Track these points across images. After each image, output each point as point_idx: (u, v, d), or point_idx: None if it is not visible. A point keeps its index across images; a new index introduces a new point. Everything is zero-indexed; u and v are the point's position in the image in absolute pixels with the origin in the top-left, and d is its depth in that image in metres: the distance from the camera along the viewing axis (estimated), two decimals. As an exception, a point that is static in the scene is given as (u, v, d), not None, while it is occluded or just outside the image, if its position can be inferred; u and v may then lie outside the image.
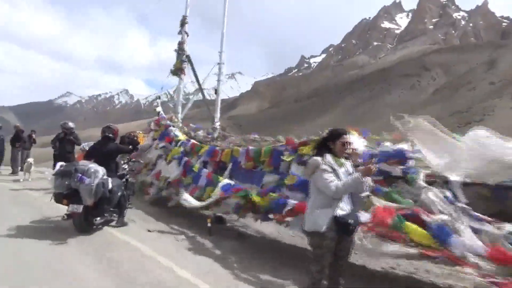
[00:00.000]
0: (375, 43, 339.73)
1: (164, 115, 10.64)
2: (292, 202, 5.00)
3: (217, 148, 7.81)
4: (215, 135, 12.18)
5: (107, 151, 6.43)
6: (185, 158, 8.10)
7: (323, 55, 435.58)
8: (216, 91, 13.44)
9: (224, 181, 6.39)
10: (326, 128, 3.98)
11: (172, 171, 8.26)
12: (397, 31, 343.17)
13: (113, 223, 6.52)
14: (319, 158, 3.38)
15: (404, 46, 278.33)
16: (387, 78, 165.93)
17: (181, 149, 8.54)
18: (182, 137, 9.08)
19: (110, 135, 6.58)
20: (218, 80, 13.42)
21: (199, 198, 6.70)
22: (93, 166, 5.76)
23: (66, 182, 5.56)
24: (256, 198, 5.42)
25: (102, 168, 5.85)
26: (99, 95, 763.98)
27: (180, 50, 12.02)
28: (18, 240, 5.28)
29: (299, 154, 5.71)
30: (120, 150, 6.87)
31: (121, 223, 6.47)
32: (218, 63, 13.34)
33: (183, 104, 12.89)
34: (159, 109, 10.88)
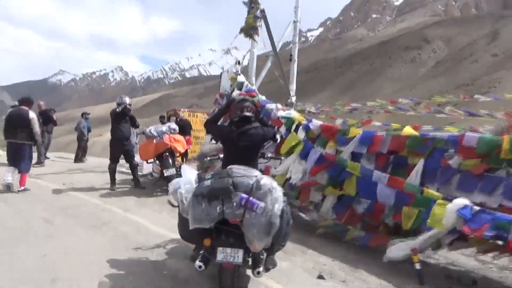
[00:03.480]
0: (374, 16, 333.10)
1: (251, 88, 7.89)
2: None
3: (380, 132, 5.11)
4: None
5: (250, 141, 3.75)
6: (319, 150, 5.47)
7: (321, 29, 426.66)
8: (291, 57, 10.66)
9: (457, 201, 3.72)
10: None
11: (295, 169, 5.67)
12: (396, 3, 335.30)
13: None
14: None
15: (404, 19, 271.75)
16: (387, 51, 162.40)
17: (302, 135, 5.89)
18: (298, 117, 6.35)
19: (251, 114, 3.88)
20: (294, 43, 10.64)
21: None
22: (264, 178, 3.10)
23: (218, 209, 2.94)
24: None
25: (275, 181, 3.19)
26: (94, 72, 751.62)
27: (253, 2, 9.13)
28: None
29: None
30: (266, 138, 3.96)
31: (272, 263, 3.84)
32: (294, 21, 10.50)
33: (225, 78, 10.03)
34: (241, 78, 8.09)
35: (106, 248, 4.30)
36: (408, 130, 4.81)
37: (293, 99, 10.33)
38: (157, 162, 7.41)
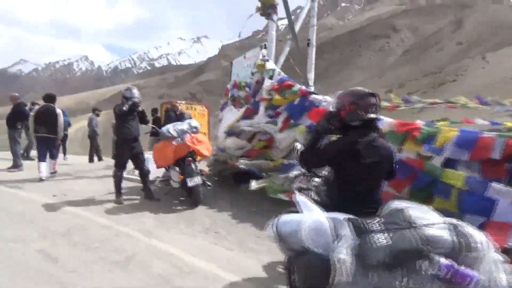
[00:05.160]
0: (343, 4, 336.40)
1: (285, 76, 6.69)
2: None
3: (487, 133, 4.00)
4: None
5: (379, 156, 2.57)
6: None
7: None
8: (309, 41, 9.49)
9: None
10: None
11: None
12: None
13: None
14: None
15: (372, 7, 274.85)
16: (356, 40, 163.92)
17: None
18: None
19: (376, 116, 2.60)
20: (312, 26, 9.47)
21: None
22: (470, 228, 1.89)
23: (399, 283, 1.73)
24: None
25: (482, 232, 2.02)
26: (57, 62, 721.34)
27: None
28: None
29: None
30: (394, 154, 2.76)
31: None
32: (312, 0, 9.33)
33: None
34: (271, 65, 6.90)
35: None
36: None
37: (312, 89, 9.21)
38: (177, 168, 6.08)
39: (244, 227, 5.22)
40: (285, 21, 8.89)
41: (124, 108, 5.92)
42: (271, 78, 6.69)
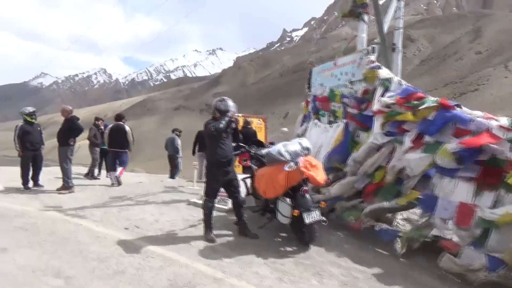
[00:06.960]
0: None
1: (410, 86, 5.58)
2: None
3: None
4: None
5: None
6: None
7: (305, 29, 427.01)
8: (394, 46, 8.35)
9: None
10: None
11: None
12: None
13: None
14: None
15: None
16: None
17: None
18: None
19: None
20: (398, 29, 8.36)
21: None
22: None
23: None
24: None
25: None
26: (76, 75, 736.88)
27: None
28: None
29: None
30: None
31: None
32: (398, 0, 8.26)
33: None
34: (385, 73, 5.79)
35: None
36: None
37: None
38: (288, 200, 4.92)
39: (387, 280, 4.04)
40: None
41: (221, 126, 4.81)
42: (387, 88, 5.56)
